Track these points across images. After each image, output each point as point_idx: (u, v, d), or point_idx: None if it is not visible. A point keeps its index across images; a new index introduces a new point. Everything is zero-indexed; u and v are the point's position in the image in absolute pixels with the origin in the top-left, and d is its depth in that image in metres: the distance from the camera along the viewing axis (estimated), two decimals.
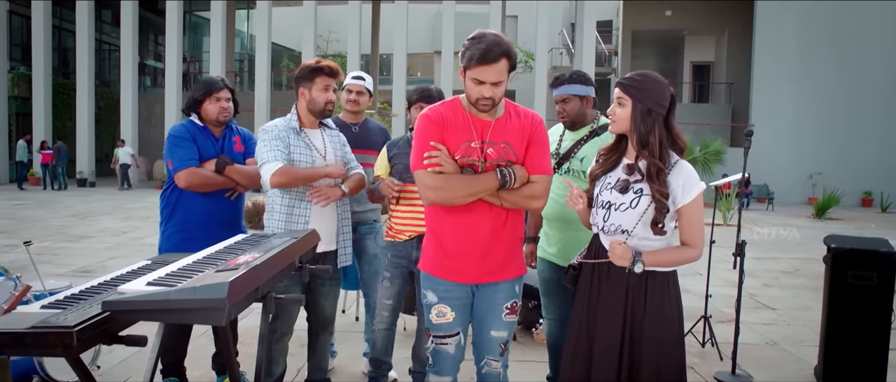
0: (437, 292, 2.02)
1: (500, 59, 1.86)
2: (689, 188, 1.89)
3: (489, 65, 1.85)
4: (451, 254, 1.99)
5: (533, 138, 2.00)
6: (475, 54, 1.85)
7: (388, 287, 2.74)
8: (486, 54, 1.84)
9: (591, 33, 16.80)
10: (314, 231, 2.03)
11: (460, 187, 1.90)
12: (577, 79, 2.54)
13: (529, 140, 2.00)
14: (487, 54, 1.84)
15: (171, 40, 17.48)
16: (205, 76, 2.86)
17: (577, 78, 2.54)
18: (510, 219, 2.02)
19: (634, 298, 1.91)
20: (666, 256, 1.91)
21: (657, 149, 1.89)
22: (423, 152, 1.92)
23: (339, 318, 4.38)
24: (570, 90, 2.53)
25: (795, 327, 4.47)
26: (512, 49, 1.91)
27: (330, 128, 2.66)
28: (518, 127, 2.00)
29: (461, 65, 1.91)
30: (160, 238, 2.76)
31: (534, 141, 2.00)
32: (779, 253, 8.13)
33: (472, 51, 1.86)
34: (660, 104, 1.90)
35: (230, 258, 1.60)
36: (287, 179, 2.33)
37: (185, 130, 2.67)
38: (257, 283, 1.48)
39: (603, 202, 1.98)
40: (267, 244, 1.79)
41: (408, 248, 2.68)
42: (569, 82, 2.54)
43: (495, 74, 1.87)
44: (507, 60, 1.89)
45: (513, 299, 2.06)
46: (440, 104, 2.04)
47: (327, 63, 2.48)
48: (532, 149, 1.99)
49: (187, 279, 1.37)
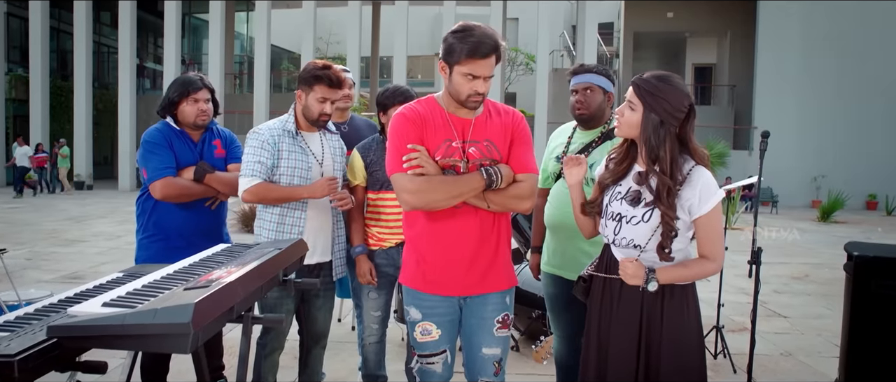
0: (420, 308, 1.86)
1: (493, 52, 1.74)
2: (706, 197, 1.71)
3: (482, 60, 1.73)
4: (434, 265, 1.83)
5: (516, 135, 1.87)
6: (466, 48, 1.71)
7: (375, 298, 2.55)
8: (478, 48, 1.71)
9: (593, 35, 16.65)
10: (302, 241, 1.87)
11: (443, 189, 1.74)
12: (603, 72, 2.32)
13: (512, 137, 1.86)
14: (480, 48, 1.71)
15: (170, 42, 17.35)
16: (182, 75, 2.66)
17: (603, 71, 2.32)
18: (497, 224, 1.87)
19: (650, 315, 1.75)
20: (682, 271, 1.73)
21: (668, 165, 1.70)
22: (402, 154, 1.77)
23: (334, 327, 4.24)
24: (595, 80, 2.29)
25: (810, 337, 4.30)
26: (500, 43, 1.79)
27: (331, 131, 2.47)
28: (499, 124, 1.87)
29: (442, 59, 1.77)
30: (136, 247, 2.55)
31: (517, 138, 1.87)
32: (787, 257, 7.96)
33: (462, 44, 1.72)
34: (674, 115, 1.70)
35: (204, 272, 1.44)
36: (258, 199, 2.20)
37: (161, 135, 2.44)
38: (232, 302, 1.31)
39: (613, 213, 1.80)
40: (247, 256, 1.63)
41: (393, 255, 2.48)
42: (596, 73, 2.31)
43: (488, 69, 1.75)
44: (496, 55, 1.77)
45: (504, 312, 1.90)
46: (416, 102, 1.89)
47: (334, 71, 2.28)
48: (516, 147, 1.86)
49: (150, 298, 1.21)
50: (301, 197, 2.24)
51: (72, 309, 1.16)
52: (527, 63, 20.75)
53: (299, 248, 1.82)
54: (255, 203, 2.24)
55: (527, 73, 20.60)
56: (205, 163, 2.47)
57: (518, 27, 24.78)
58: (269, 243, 1.80)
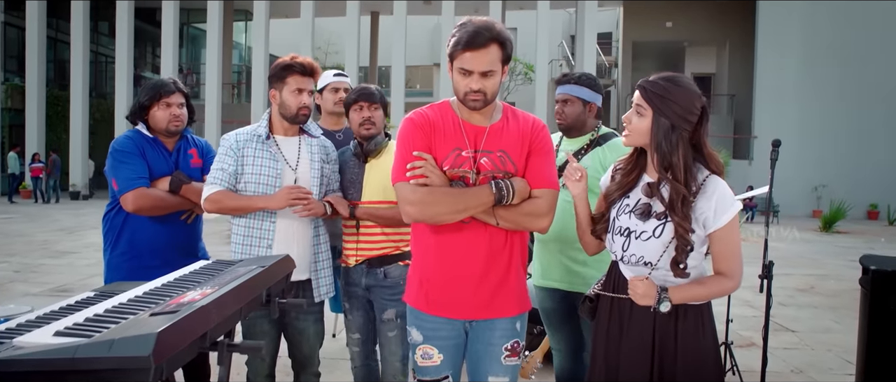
0: (422, 330, 1.73)
1: (490, 44, 1.58)
2: (722, 209, 1.58)
3: (476, 51, 1.57)
4: (438, 284, 1.69)
5: (534, 146, 1.70)
6: (462, 39, 1.58)
7: (350, 320, 2.39)
8: (473, 38, 1.57)
9: (592, 45, 16.61)
10: (288, 257, 1.74)
11: (448, 202, 1.60)
12: (585, 81, 2.26)
13: (530, 148, 1.70)
14: (475, 38, 1.57)
15: (167, 51, 17.27)
16: (154, 78, 2.53)
17: (585, 80, 2.26)
18: (510, 242, 1.70)
19: (663, 337, 1.62)
20: (698, 290, 1.60)
21: (682, 173, 1.57)
22: (406, 162, 1.64)
23: (329, 343, 4.09)
24: (574, 91, 2.25)
25: (820, 352, 4.17)
26: (504, 35, 1.62)
27: (313, 135, 2.27)
28: (517, 133, 1.70)
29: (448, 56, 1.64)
30: (106, 268, 2.33)
31: (535, 149, 1.70)
32: (790, 268, 7.82)
33: (458, 35, 1.59)
34: (686, 118, 1.58)
35: (177, 294, 1.31)
36: (217, 208, 2.06)
37: (132, 143, 2.25)
38: (205, 327, 1.19)
39: (621, 228, 1.67)
40: (227, 274, 1.50)
41: (357, 275, 2.31)
42: (575, 83, 2.26)
43: (484, 62, 1.59)
44: (498, 47, 1.60)
45: (514, 338, 1.74)
46: (428, 107, 1.76)
47: (302, 59, 2.14)
48: (534, 159, 1.70)
49: (111, 325, 1.08)
50: (256, 208, 2.08)
51: (19, 340, 1.02)
52: (526, 73, 20.71)
53: (285, 265, 1.69)
54: (215, 213, 2.10)
55: (526, 83, 20.55)
56: (181, 172, 2.30)
57: (517, 37, 24.74)
58: (251, 260, 1.67)
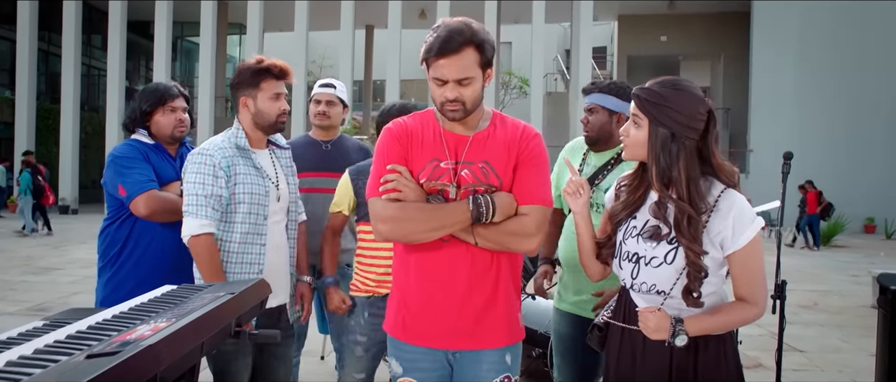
0: (401, 360, 1.56)
1: (464, 48, 1.43)
2: (741, 227, 1.40)
3: (450, 58, 1.43)
4: (416, 309, 1.52)
5: (523, 156, 1.52)
6: (433, 45, 1.44)
7: (361, 356, 2.17)
8: (445, 44, 1.42)
9: (587, 59, 16.59)
10: (263, 281, 1.56)
11: (421, 219, 1.44)
12: (613, 90, 2.08)
13: (518, 158, 1.52)
14: (447, 44, 1.42)
15: (160, 65, 17.14)
16: (152, 83, 2.36)
17: (613, 89, 2.08)
18: (497, 260, 1.51)
19: (681, 371, 1.44)
20: (717, 320, 1.43)
21: (685, 188, 1.40)
22: (380, 176, 1.50)
23: (316, 365, 3.90)
24: (599, 100, 2.07)
25: (830, 373, 3.99)
26: (480, 36, 1.45)
27: (279, 146, 2.12)
28: (502, 142, 1.52)
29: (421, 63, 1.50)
30: (102, 289, 2.12)
31: (524, 159, 1.52)
32: (791, 283, 7.60)
33: (430, 41, 1.45)
34: (690, 126, 1.41)
35: (126, 329, 1.14)
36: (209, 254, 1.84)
37: (134, 150, 2.12)
38: (154, 369, 1.01)
39: (628, 254, 1.49)
40: (191, 303, 1.33)
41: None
42: (600, 91, 2.08)
43: (459, 69, 1.43)
44: (475, 51, 1.44)
45: (505, 373, 1.55)
46: (409, 116, 1.61)
47: (273, 62, 1.96)
48: (522, 171, 1.51)
49: (34, 371, 0.90)
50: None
51: None
52: (520, 87, 20.69)
53: (259, 291, 1.51)
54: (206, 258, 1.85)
55: (521, 97, 20.53)
56: None
57: (511, 51, 24.80)
58: (221, 286, 1.49)
